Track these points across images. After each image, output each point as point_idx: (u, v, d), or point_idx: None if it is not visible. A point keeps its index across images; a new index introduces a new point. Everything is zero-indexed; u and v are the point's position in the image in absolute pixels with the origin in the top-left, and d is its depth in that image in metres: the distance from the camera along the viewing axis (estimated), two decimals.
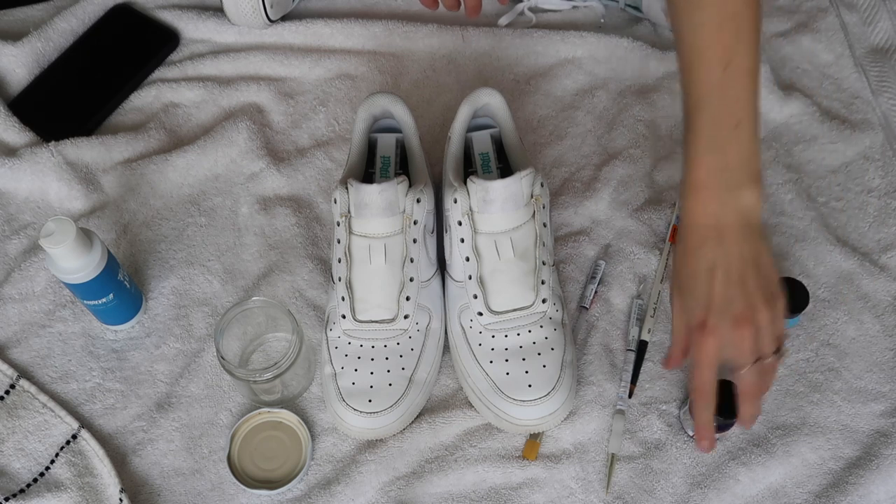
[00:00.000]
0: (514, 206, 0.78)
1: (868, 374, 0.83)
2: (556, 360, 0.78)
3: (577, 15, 1.05)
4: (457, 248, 0.80)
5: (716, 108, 0.69)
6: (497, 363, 0.78)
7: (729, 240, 0.69)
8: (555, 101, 0.99)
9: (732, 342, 0.69)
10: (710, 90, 0.69)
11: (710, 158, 0.69)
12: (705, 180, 0.69)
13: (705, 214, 0.69)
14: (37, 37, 0.99)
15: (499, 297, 0.79)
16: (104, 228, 0.90)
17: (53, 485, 0.77)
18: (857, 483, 0.77)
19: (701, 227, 0.69)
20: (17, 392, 0.81)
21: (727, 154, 0.69)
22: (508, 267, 0.79)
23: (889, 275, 0.88)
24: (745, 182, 0.69)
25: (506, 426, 0.78)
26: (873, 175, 0.94)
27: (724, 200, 0.69)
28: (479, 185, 0.77)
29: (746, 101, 0.69)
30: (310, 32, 1.02)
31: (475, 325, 0.80)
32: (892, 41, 1.03)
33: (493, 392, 0.77)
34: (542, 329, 0.79)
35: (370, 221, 0.78)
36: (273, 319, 0.82)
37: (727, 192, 0.69)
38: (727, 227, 0.69)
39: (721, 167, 0.69)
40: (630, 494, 0.77)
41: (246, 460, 0.78)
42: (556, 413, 0.77)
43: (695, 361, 0.70)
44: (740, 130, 0.68)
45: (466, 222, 0.79)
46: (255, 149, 0.94)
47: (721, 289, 0.68)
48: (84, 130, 0.95)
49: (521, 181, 0.77)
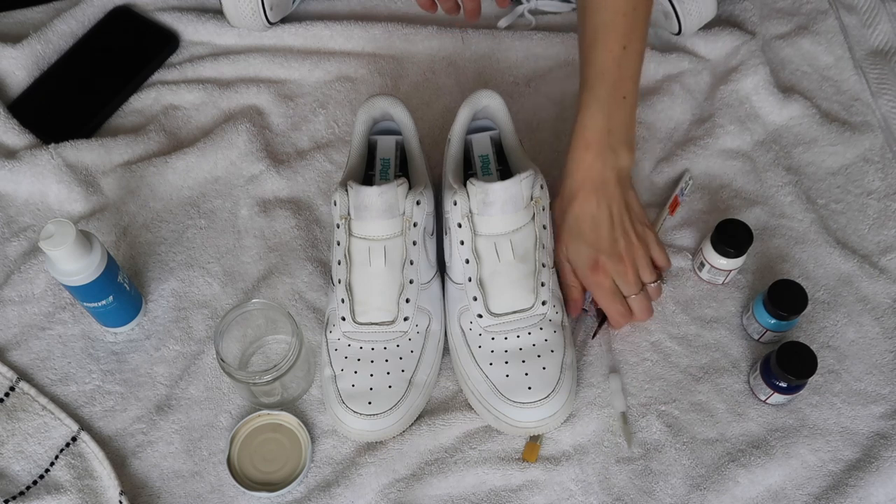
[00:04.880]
0: (514, 208, 0.78)
1: (868, 376, 0.83)
2: (555, 362, 0.78)
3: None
4: (457, 250, 0.80)
5: (611, 81, 0.80)
6: (497, 365, 0.78)
7: (609, 191, 0.80)
8: (554, 104, 0.99)
9: (619, 275, 0.81)
10: (610, 65, 0.80)
11: (599, 122, 0.80)
12: (593, 140, 0.80)
13: (591, 169, 0.80)
14: (37, 39, 0.99)
15: (498, 300, 0.79)
16: (104, 231, 0.90)
17: (53, 487, 0.77)
18: (856, 485, 0.77)
19: (587, 179, 0.80)
20: (17, 394, 0.81)
21: (613, 120, 0.80)
22: (508, 269, 0.79)
23: (889, 277, 0.88)
24: (623, 145, 0.81)
25: (506, 428, 0.78)
26: (873, 177, 0.94)
27: (606, 158, 0.80)
28: (479, 188, 0.77)
29: (633, 79, 0.82)
30: (309, 35, 1.02)
31: (475, 328, 0.80)
32: (891, 43, 1.03)
33: (492, 394, 0.77)
34: (541, 331, 0.79)
35: (370, 224, 0.78)
36: (273, 322, 0.82)
37: (609, 151, 0.80)
38: (608, 181, 0.80)
39: (607, 130, 0.80)
40: (630, 495, 0.77)
41: (246, 462, 0.78)
42: (556, 415, 0.77)
43: (598, 297, 0.82)
44: (626, 103, 0.81)
45: (466, 224, 0.79)
46: (254, 151, 0.94)
47: (607, 233, 0.80)
48: (84, 132, 0.95)
49: (521, 183, 0.78)
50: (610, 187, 0.80)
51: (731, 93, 0.98)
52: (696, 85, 0.99)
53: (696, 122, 0.97)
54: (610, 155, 0.80)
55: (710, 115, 0.97)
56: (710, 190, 0.93)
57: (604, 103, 0.80)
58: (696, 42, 1.01)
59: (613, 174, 0.81)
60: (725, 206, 0.92)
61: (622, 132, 0.81)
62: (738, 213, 0.91)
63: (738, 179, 0.94)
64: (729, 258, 0.83)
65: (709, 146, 0.95)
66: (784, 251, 0.89)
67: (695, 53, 1.01)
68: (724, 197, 0.93)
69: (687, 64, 1.00)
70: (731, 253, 0.83)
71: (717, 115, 0.97)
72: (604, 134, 0.80)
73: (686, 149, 0.95)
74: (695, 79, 1.00)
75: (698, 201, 0.92)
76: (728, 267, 0.85)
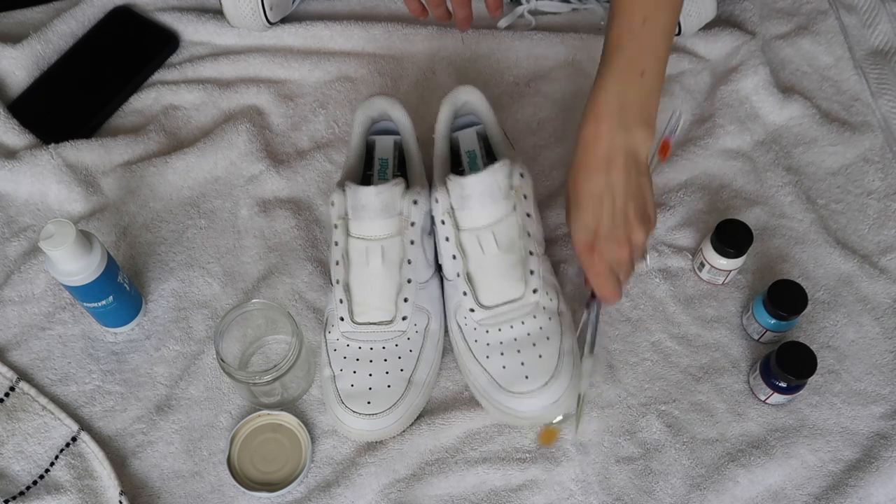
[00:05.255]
0: (493, 199, 0.78)
1: (868, 376, 0.83)
2: (552, 349, 0.78)
3: (577, 17, 1.05)
4: (443, 246, 0.80)
5: (628, 54, 0.77)
6: (493, 358, 0.78)
7: (616, 171, 0.77)
8: (554, 104, 0.99)
9: (615, 259, 0.78)
10: (627, 37, 0.77)
11: (613, 95, 0.77)
12: (603, 114, 0.77)
13: (598, 144, 0.77)
14: (37, 39, 0.99)
15: (488, 292, 0.79)
16: (104, 231, 0.90)
17: (53, 487, 0.77)
18: (856, 485, 0.77)
19: (593, 154, 0.77)
20: (17, 394, 0.81)
21: (628, 95, 0.77)
22: (494, 261, 0.79)
23: (889, 277, 0.88)
24: (638, 124, 0.77)
25: (512, 421, 0.78)
26: (873, 177, 0.94)
27: (615, 135, 0.76)
28: (456, 182, 0.78)
29: (655, 54, 0.77)
30: (309, 35, 1.02)
31: (469, 322, 0.80)
32: (891, 43, 1.03)
33: (492, 387, 0.78)
34: (535, 319, 0.79)
35: (367, 224, 0.78)
36: (273, 322, 0.82)
37: (620, 128, 0.76)
38: (615, 159, 0.77)
39: (621, 104, 0.76)
40: (629, 495, 0.77)
41: (246, 463, 0.78)
42: (559, 402, 0.77)
43: (590, 276, 0.80)
44: (644, 78, 0.77)
45: (448, 220, 0.79)
46: (254, 151, 0.94)
47: (607, 219, 0.77)
48: (84, 133, 0.95)
49: (496, 174, 0.78)
50: (617, 167, 0.76)
51: (731, 93, 0.98)
52: (696, 85, 0.99)
53: (696, 123, 0.97)
54: (620, 132, 0.76)
55: (710, 116, 0.97)
56: (710, 190, 0.93)
57: (619, 76, 0.77)
58: (696, 42, 1.01)
59: (622, 152, 0.76)
60: (725, 206, 0.92)
61: (637, 110, 0.77)
62: (738, 213, 0.91)
63: (738, 179, 0.94)
64: (729, 258, 0.83)
65: (709, 146, 0.95)
66: (784, 251, 0.89)
67: (695, 53, 1.01)
68: (724, 197, 0.93)
69: (687, 64, 1.00)
70: (731, 253, 0.83)
71: (717, 115, 0.97)
72: (615, 108, 0.76)
73: (686, 149, 0.95)
74: (695, 79, 1.00)
75: (698, 201, 0.92)
76: (728, 267, 0.85)
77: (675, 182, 0.93)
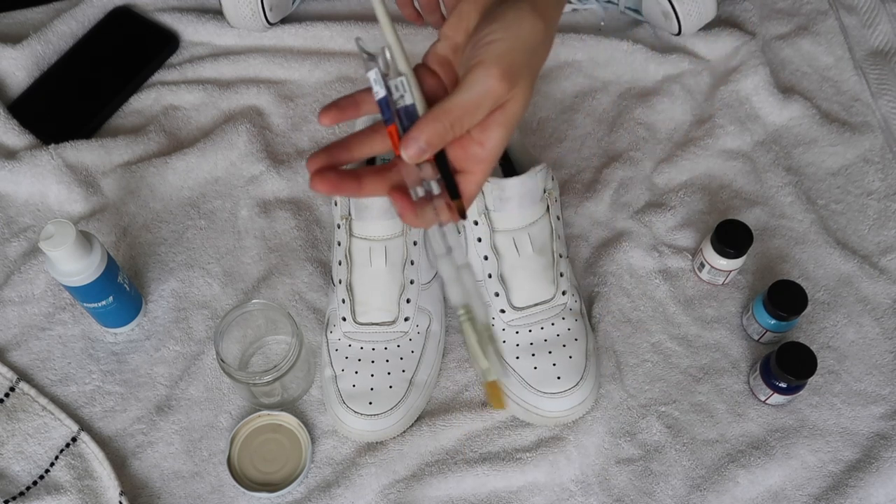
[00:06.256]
0: (531, 201, 0.79)
1: (868, 376, 0.83)
2: (580, 349, 0.79)
3: (577, 18, 1.05)
4: (473, 247, 0.80)
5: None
6: (524, 358, 0.79)
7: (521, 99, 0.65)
8: (555, 104, 0.99)
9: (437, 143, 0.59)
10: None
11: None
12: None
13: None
14: (36, 39, 0.99)
15: (520, 293, 0.80)
16: (104, 231, 0.90)
17: (53, 487, 0.77)
18: (856, 486, 0.77)
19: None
20: (17, 395, 0.81)
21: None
22: (528, 262, 0.79)
23: (889, 277, 0.88)
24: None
25: (535, 420, 0.79)
26: (873, 177, 0.94)
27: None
28: (495, 184, 0.77)
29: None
30: (309, 35, 1.02)
31: (497, 323, 0.80)
32: (891, 44, 1.03)
33: (521, 387, 0.78)
34: (563, 321, 0.80)
35: (371, 224, 0.78)
36: (273, 322, 0.82)
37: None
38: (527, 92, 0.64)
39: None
40: (630, 496, 0.77)
41: (246, 463, 0.78)
42: (585, 402, 0.78)
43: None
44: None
45: (483, 221, 0.79)
46: (254, 151, 0.94)
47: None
48: (84, 133, 0.95)
49: (536, 177, 0.78)
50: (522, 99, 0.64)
51: (731, 93, 0.98)
52: (696, 85, 0.99)
53: (697, 123, 0.97)
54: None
55: (710, 116, 0.97)
56: (710, 190, 0.93)
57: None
58: (696, 42, 1.01)
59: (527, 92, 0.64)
60: (725, 207, 0.92)
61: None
62: (738, 214, 0.91)
63: (738, 180, 0.94)
64: (729, 259, 0.83)
65: (709, 146, 0.95)
66: (784, 251, 0.89)
67: (695, 54, 1.01)
68: (724, 197, 0.93)
69: (687, 64, 1.00)
70: (731, 253, 0.83)
71: (717, 115, 0.97)
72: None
73: (686, 149, 0.95)
74: (695, 79, 1.00)
75: (698, 202, 0.92)
76: (728, 267, 0.85)
77: (675, 182, 0.93)
